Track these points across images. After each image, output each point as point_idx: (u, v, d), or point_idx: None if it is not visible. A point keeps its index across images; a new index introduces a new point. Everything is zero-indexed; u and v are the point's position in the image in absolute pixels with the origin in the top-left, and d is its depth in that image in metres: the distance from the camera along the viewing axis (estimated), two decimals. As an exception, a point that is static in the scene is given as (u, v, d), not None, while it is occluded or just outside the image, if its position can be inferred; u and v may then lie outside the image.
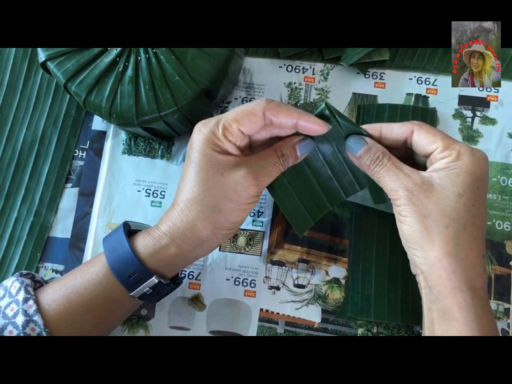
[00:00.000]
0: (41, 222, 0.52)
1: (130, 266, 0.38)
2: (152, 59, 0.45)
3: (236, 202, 0.38)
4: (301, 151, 0.40)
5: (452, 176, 0.36)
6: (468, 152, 0.37)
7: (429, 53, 0.54)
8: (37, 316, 0.37)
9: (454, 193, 0.36)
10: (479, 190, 0.36)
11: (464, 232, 0.36)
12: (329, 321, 0.49)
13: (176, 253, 0.39)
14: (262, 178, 0.39)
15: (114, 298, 0.39)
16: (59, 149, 0.54)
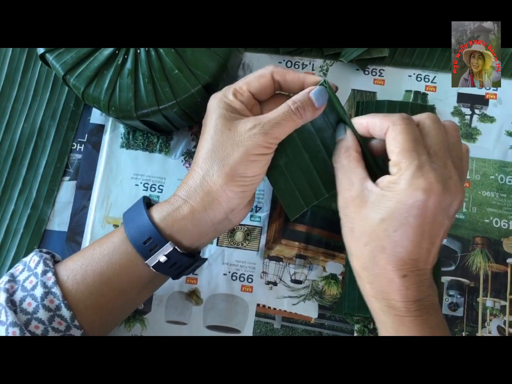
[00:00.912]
0: (38, 215, 0.52)
1: (145, 231, 0.38)
2: (152, 52, 0.45)
3: (243, 152, 0.37)
4: (317, 98, 0.39)
5: (384, 200, 0.35)
6: (407, 178, 0.34)
7: (429, 50, 0.54)
8: (55, 287, 0.37)
9: (379, 216, 0.35)
10: (408, 220, 0.34)
11: (382, 253, 0.36)
12: (325, 317, 0.49)
13: (188, 213, 0.38)
14: (270, 129, 0.38)
15: (131, 267, 0.39)
16: (57, 142, 0.54)
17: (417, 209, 0.34)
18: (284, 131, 0.39)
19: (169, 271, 0.40)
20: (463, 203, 0.51)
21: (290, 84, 0.41)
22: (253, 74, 0.41)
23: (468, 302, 0.49)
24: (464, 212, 0.51)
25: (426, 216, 0.34)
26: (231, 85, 0.41)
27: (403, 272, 0.35)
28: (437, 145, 0.36)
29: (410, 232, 0.35)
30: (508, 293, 0.48)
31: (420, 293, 0.36)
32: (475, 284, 0.49)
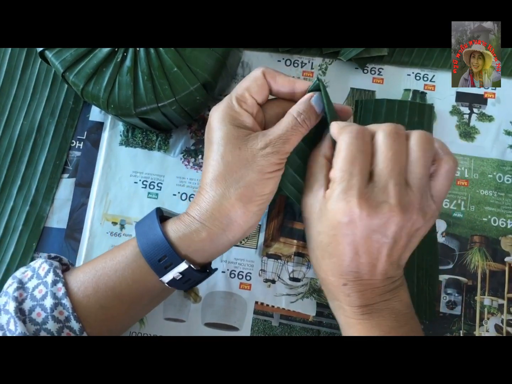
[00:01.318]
0: (37, 212, 0.52)
1: (161, 249, 0.37)
2: (151, 50, 0.45)
3: (258, 172, 0.37)
4: (317, 104, 0.39)
5: (322, 213, 0.37)
6: (333, 202, 0.36)
7: (428, 49, 0.54)
8: (65, 299, 0.37)
9: (317, 228, 0.38)
10: (336, 237, 0.36)
11: (323, 260, 0.39)
12: (324, 315, 0.49)
13: (206, 237, 0.38)
14: (282, 146, 0.37)
15: (143, 283, 0.39)
16: (56, 139, 0.54)
17: (341, 229, 0.36)
18: (294, 144, 0.39)
19: (182, 286, 0.40)
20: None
21: (280, 87, 0.40)
22: (247, 79, 0.40)
23: (466, 300, 0.49)
24: (462, 210, 0.51)
25: (355, 235, 0.35)
26: (229, 95, 0.40)
27: (343, 280, 0.37)
28: (382, 163, 0.36)
29: (341, 248, 0.36)
30: (506, 292, 0.49)
31: (366, 299, 0.37)
32: (473, 282, 0.49)
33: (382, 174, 0.35)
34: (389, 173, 0.35)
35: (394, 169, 0.36)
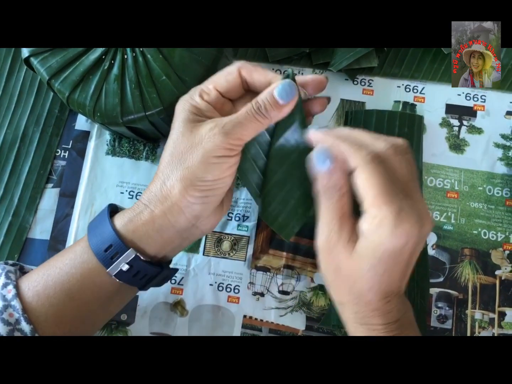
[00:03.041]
0: (19, 222, 0.51)
1: (106, 238, 0.36)
2: (139, 57, 0.44)
3: (202, 154, 0.35)
4: (280, 94, 0.36)
5: (369, 249, 0.34)
6: (392, 225, 0.33)
7: (417, 61, 0.54)
8: (15, 300, 0.35)
9: (367, 265, 0.34)
10: (395, 262, 0.34)
11: (369, 291, 0.36)
12: (313, 329, 0.48)
13: (148, 219, 0.37)
14: (231, 129, 0.36)
15: (92, 276, 0.37)
16: (41, 148, 0.53)
17: (400, 251, 0.34)
18: (248, 132, 0.37)
19: (133, 281, 0.38)
20: (452, 214, 0.51)
21: (256, 83, 0.38)
22: (221, 72, 0.39)
23: (456, 314, 0.48)
24: (452, 223, 0.50)
25: (406, 255, 0.34)
26: (198, 86, 0.39)
27: (388, 299, 0.36)
28: (405, 177, 0.35)
29: (395, 272, 0.35)
30: (497, 306, 0.48)
31: (398, 312, 0.36)
32: (463, 296, 0.49)
33: (408, 188, 0.35)
34: (413, 185, 0.36)
35: (413, 180, 0.36)
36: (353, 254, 0.35)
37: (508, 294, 0.48)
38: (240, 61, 0.39)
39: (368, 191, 0.34)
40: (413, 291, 0.48)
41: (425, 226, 0.34)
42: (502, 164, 0.52)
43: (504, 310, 0.48)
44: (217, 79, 0.39)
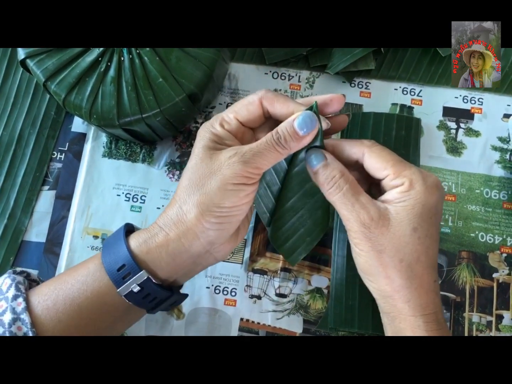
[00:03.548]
0: (15, 225, 0.50)
1: (120, 258, 0.36)
2: (136, 59, 0.44)
3: (220, 180, 0.36)
4: (300, 126, 0.37)
5: (408, 208, 0.35)
6: (421, 180, 0.36)
7: (415, 63, 0.54)
8: (24, 314, 0.35)
9: (410, 227, 0.35)
10: (432, 219, 0.36)
11: (417, 264, 0.36)
12: (310, 332, 0.48)
13: (162, 242, 0.37)
14: (251, 157, 0.36)
15: (103, 296, 0.37)
16: (37, 150, 0.52)
17: (436, 207, 0.36)
18: (267, 161, 0.37)
19: (143, 303, 0.38)
20: (449, 217, 0.51)
21: (278, 113, 0.38)
22: (242, 101, 0.39)
23: (454, 317, 0.48)
24: (450, 226, 0.50)
25: (439, 212, 0.37)
26: (220, 113, 0.39)
27: (434, 277, 0.37)
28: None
29: (434, 232, 0.36)
30: (495, 309, 0.48)
31: (440, 300, 0.37)
32: (461, 299, 0.48)
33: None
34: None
35: None
36: (391, 224, 0.36)
37: (506, 297, 0.48)
38: (262, 90, 0.39)
39: (386, 163, 0.37)
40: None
41: (441, 185, 0.38)
42: (499, 167, 0.52)
43: (501, 313, 0.48)
44: (238, 108, 0.39)
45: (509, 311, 0.48)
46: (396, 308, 0.37)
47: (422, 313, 0.36)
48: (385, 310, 0.38)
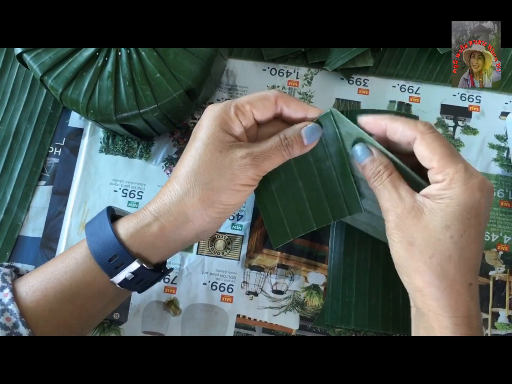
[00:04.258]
0: (11, 220, 0.50)
1: (111, 248, 0.36)
2: (133, 55, 0.44)
3: (229, 180, 0.36)
4: (307, 136, 0.38)
5: (442, 206, 0.35)
6: (461, 180, 0.35)
7: (413, 61, 0.54)
8: (12, 305, 0.35)
9: (442, 224, 0.34)
10: (470, 221, 0.35)
11: (449, 263, 0.35)
12: (307, 328, 0.48)
13: (158, 232, 0.37)
14: (261, 161, 0.37)
15: (95, 284, 0.37)
16: (33, 145, 0.52)
17: (476, 208, 0.35)
18: (273, 165, 0.38)
19: (135, 287, 0.39)
20: None
21: (292, 113, 0.40)
22: (256, 95, 0.39)
23: (450, 314, 0.48)
24: (446, 223, 0.50)
25: (482, 214, 0.35)
26: (232, 100, 0.39)
27: (469, 280, 0.35)
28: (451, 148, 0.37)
29: (473, 234, 0.35)
30: (490, 306, 0.48)
31: (477, 305, 0.36)
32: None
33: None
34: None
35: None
36: (424, 218, 0.35)
37: (502, 294, 0.48)
38: (274, 90, 0.39)
39: (433, 155, 0.35)
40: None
41: (490, 186, 0.36)
42: (496, 165, 0.52)
43: (497, 310, 0.48)
44: (254, 101, 0.38)
45: (505, 309, 0.48)
46: (426, 304, 0.36)
47: (452, 314, 0.35)
48: (417, 305, 0.37)
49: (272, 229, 0.42)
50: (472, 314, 0.35)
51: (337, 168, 0.40)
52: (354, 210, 0.40)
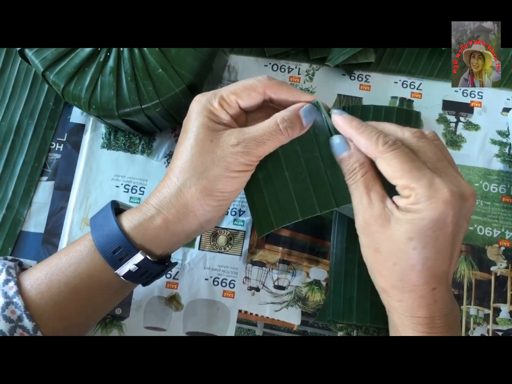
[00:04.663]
0: (13, 215, 0.50)
1: (115, 240, 0.36)
2: (135, 50, 0.44)
3: (224, 168, 0.36)
4: (306, 116, 0.38)
5: (407, 218, 0.34)
6: (426, 196, 0.34)
7: (415, 57, 0.54)
8: (17, 297, 0.35)
9: (405, 236, 0.34)
10: (435, 233, 0.34)
11: (411, 271, 0.35)
12: (308, 324, 0.48)
13: (161, 224, 0.37)
14: (254, 148, 0.37)
15: (99, 276, 0.37)
16: (35, 141, 0.52)
17: (441, 222, 0.34)
18: (268, 150, 0.38)
19: (140, 279, 0.39)
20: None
21: (282, 101, 0.39)
22: (243, 84, 0.38)
23: (452, 310, 0.48)
24: (448, 219, 0.50)
25: (449, 226, 0.34)
26: (217, 90, 0.39)
27: (433, 285, 0.35)
28: (432, 158, 0.36)
29: (439, 245, 0.35)
30: (492, 302, 0.48)
31: (446, 307, 0.36)
32: (459, 292, 0.49)
33: (438, 166, 0.36)
34: (443, 163, 0.36)
35: (442, 159, 0.37)
36: (389, 227, 0.35)
37: (503, 290, 0.48)
38: (264, 77, 0.38)
39: (394, 173, 0.35)
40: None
41: (465, 197, 0.35)
42: (498, 160, 0.52)
43: (499, 306, 0.48)
44: (240, 92, 0.38)
45: (506, 304, 0.48)
46: (390, 304, 0.38)
47: (412, 314, 0.36)
48: (384, 303, 0.39)
49: (257, 217, 0.42)
50: (434, 315, 0.36)
51: (325, 159, 0.39)
52: (341, 202, 0.39)
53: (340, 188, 0.39)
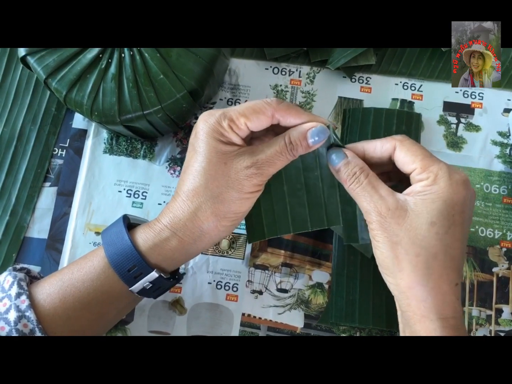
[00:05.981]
0: (17, 221, 0.51)
1: (130, 259, 0.37)
2: (136, 56, 0.44)
3: (238, 191, 0.37)
4: (313, 138, 0.38)
5: (427, 203, 0.35)
6: (446, 176, 0.35)
7: (415, 58, 0.54)
8: (29, 311, 0.36)
9: (427, 221, 0.34)
10: (454, 217, 0.35)
11: (434, 261, 0.35)
12: (311, 327, 0.48)
13: (177, 246, 0.38)
14: (266, 168, 0.37)
15: (113, 293, 0.38)
16: (38, 147, 0.52)
17: (461, 205, 0.35)
18: (277, 169, 0.39)
19: (152, 295, 0.40)
20: None
21: (291, 124, 0.39)
22: (252, 107, 0.38)
23: (454, 311, 0.48)
24: (450, 220, 0.50)
25: (466, 213, 0.35)
26: (225, 110, 0.38)
27: (455, 280, 0.36)
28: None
29: (457, 232, 0.35)
30: (494, 303, 0.48)
31: (461, 306, 0.36)
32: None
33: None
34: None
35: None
36: (408, 216, 0.35)
37: (505, 291, 0.49)
38: (273, 100, 0.38)
39: (415, 156, 0.37)
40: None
41: (473, 189, 0.37)
42: (499, 161, 0.52)
43: (501, 307, 0.48)
44: (249, 114, 0.37)
45: (508, 305, 0.48)
46: (411, 307, 0.36)
47: (439, 316, 0.35)
48: (402, 308, 0.37)
49: (250, 225, 0.43)
50: (457, 315, 0.35)
51: (324, 179, 0.41)
52: (332, 223, 0.42)
53: (333, 209, 0.41)
